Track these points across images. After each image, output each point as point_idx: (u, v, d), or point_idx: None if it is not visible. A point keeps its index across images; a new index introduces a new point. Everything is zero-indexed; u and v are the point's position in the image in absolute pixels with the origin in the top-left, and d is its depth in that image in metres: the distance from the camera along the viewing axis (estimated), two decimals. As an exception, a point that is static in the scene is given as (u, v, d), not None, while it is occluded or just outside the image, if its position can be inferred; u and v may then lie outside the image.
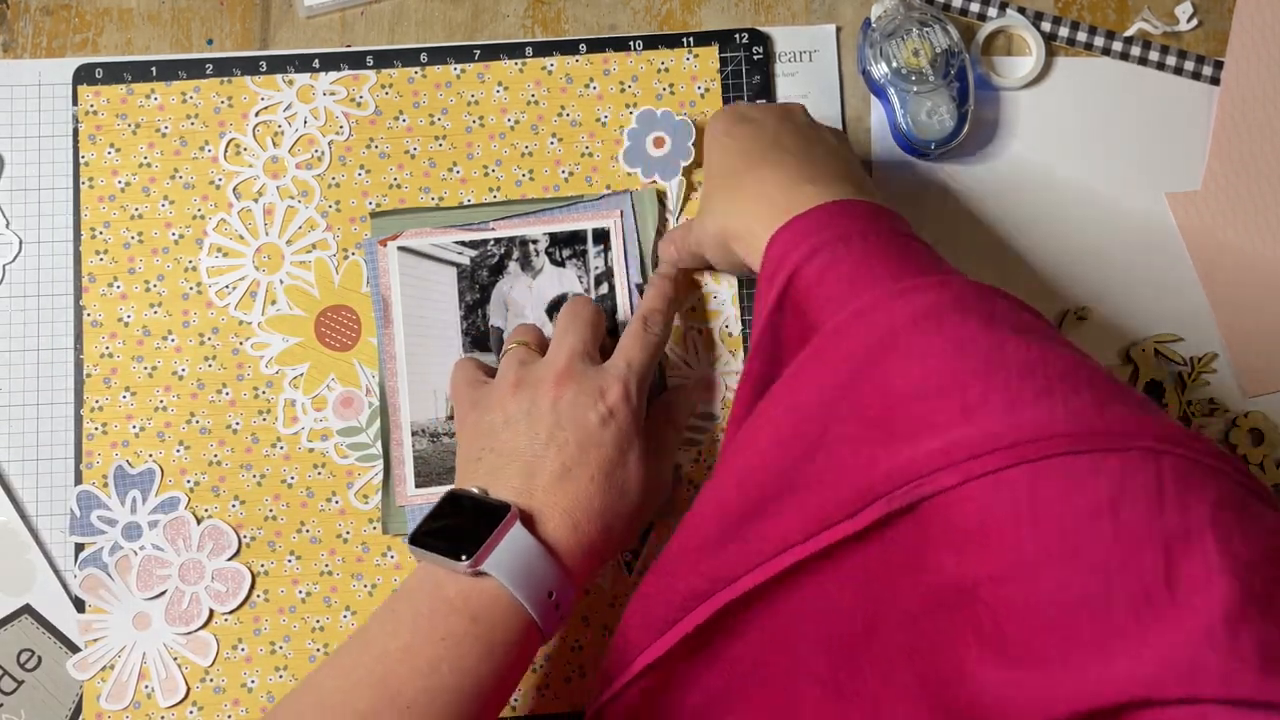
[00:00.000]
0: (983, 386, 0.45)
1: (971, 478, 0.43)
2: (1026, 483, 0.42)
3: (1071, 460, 0.42)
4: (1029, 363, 0.45)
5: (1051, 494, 0.42)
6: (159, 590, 0.68)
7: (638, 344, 0.63)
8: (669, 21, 0.74)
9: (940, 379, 0.46)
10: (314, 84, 0.72)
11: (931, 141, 0.70)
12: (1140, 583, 0.40)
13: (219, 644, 0.68)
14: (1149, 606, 0.39)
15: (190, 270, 0.71)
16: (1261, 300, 0.71)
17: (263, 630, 0.68)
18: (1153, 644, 0.39)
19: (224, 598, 0.68)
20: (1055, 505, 0.42)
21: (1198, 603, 0.39)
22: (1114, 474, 0.42)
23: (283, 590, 0.69)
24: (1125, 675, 0.39)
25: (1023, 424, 0.43)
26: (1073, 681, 0.40)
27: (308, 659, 0.68)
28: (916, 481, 0.44)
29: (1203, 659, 0.38)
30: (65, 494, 0.69)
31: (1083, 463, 0.42)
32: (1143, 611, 0.39)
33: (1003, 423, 0.44)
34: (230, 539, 0.69)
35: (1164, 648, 0.39)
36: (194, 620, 0.68)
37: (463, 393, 0.64)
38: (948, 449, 0.44)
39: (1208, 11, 0.74)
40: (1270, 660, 0.38)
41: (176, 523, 0.69)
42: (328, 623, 0.68)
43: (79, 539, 0.69)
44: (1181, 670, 0.38)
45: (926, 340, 0.47)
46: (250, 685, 0.68)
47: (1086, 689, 0.40)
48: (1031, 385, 0.45)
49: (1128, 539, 0.41)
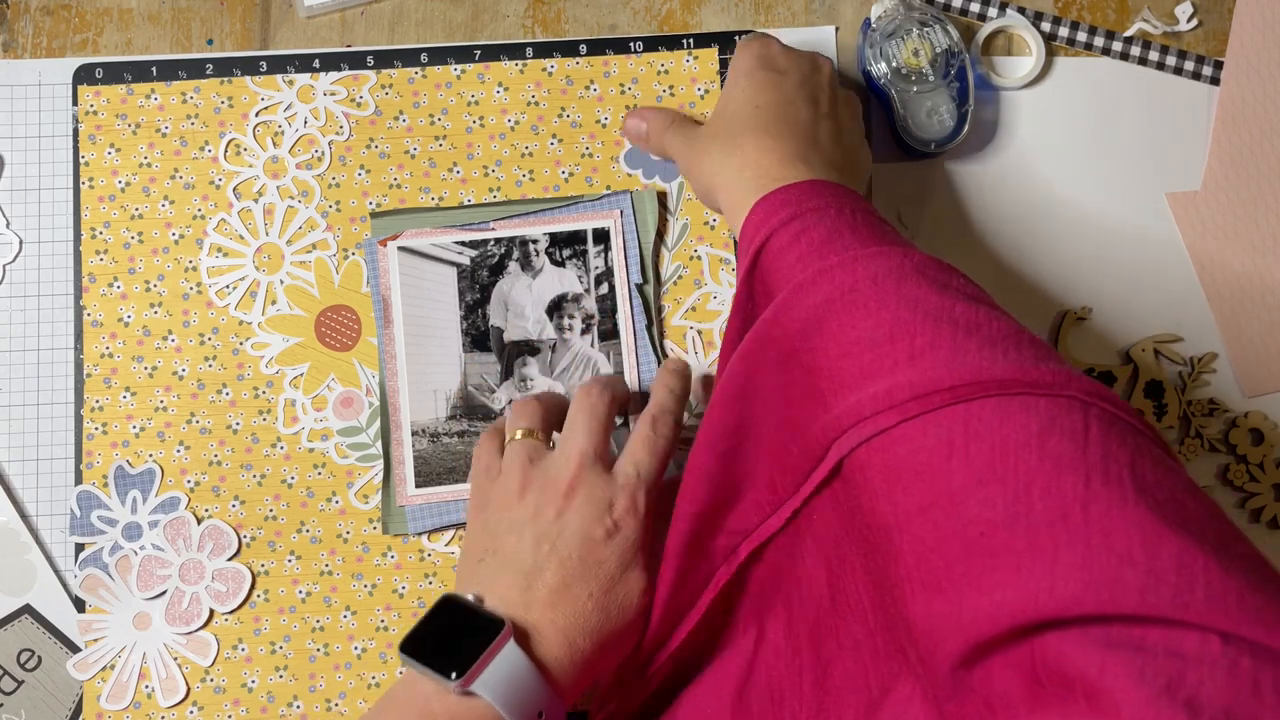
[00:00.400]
0: (930, 336, 0.47)
1: (909, 417, 0.45)
2: (961, 419, 0.44)
3: (1005, 400, 0.44)
4: (975, 322, 0.48)
5: (982, 428, 0.44)
6: (159, 590, 0.68)
7: (646, 449, 0.60)
8: (669, 22, 0.74)
9: (890, 328, 0.48)
10: (314, 84, 0.72)
11: (931, 141, 0.70)
12: (1060, 503, 0.41)
13: (219, 644, 0.68)
14: (1066, 526, 0.40)
15: (190, 270, 0.71)
16: (1261, 300, 0.71)
17: (263, 630, 0.68)
18: (1068, 561, 0.39)
19: (224, 598, 0.68)
20: (985, 438, 0.43)
21: (1115, 524, 0.39)
22: (1044, 413, 0.44)
23: (283, 590, 0.69)
24: (1043, 593, 0.39)
25: (963, 369, 0.45)
26: (989, 603, 0.40)
27: (308, 659, 0.68)
28: (859, 425, 0.47)
29: (1122, 577, 0.38)
30: (65, 494, 0.69)
31: (1015, 402, 0.44)
32: (1059, 531, 0.40)
33: (944, 368, 0.46)
34: (230, 539, 0.69)
35: (1080, 567, 0.39)
36: (194, 620, 0.68)
37: (477, 484, 0.62)
38: (891, 391, 0.46)
39: (1208, 11, 0.74)
40: (1186, 580, 0.38)
41: (177, 523, 0.69)
42: (328, 623, 0.68)
43: (79, 539, 0.69)
44: (1100, 589, 0.38)
45: (882, 295, 0.49)
46: (250, 685, 0.68)
47: (1004, 609, 0.40)
48: (975, 339, 0.47)
49: (1050, 465, 0.42)
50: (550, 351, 0.70)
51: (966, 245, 0.72)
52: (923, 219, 0.72)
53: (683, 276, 0.71)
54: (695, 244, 0.71)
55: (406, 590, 0.69)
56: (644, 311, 0.70)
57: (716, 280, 0.71)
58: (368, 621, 0.68)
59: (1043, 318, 0.71)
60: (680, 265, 0.71)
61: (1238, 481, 0.70)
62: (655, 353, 0.70)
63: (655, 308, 0.71)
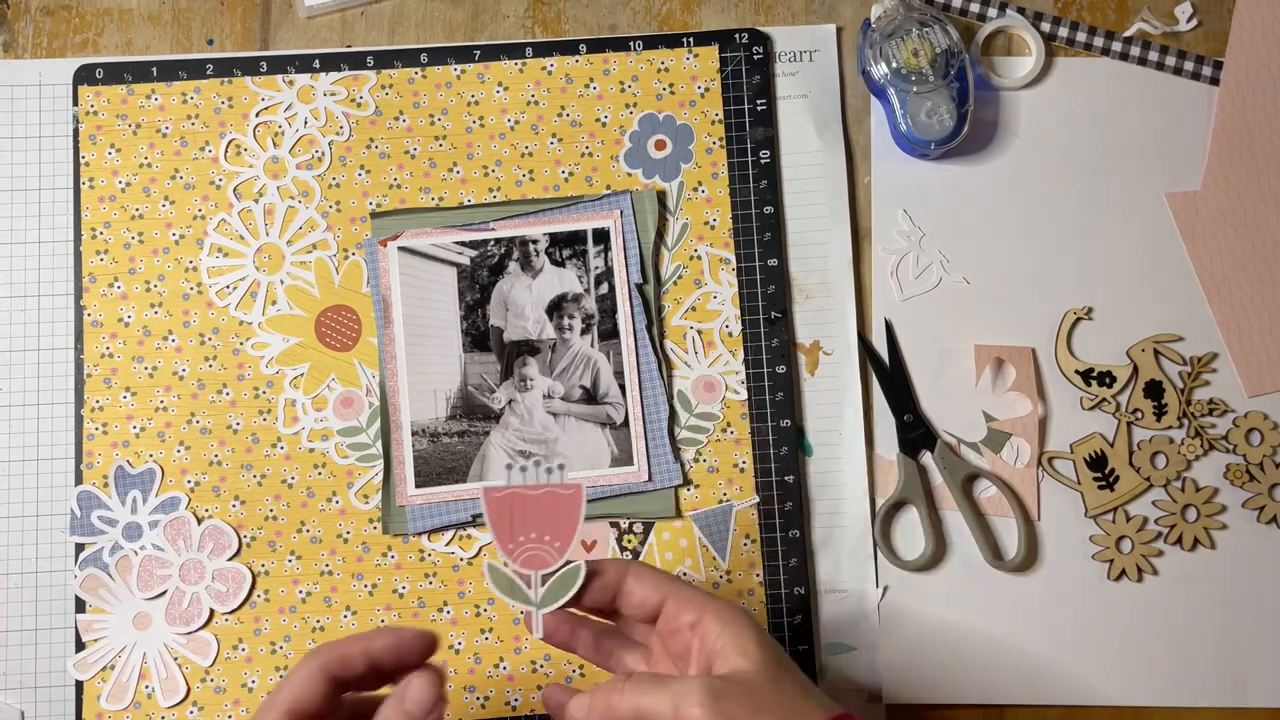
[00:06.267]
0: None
1: None
2: None
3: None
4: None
5: None
6: (159, 590, 0.68)
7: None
8: (669, 22, 0.74)
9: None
10: (314, 84, 0.72)
11: (931, 141, 0.70)
12: None
13: (219, 644, 0.68)
14: None
15: (191, 270, 0.71)
16: (1261, 300, 0.71)
17: (263, 630, 0.68)
18: None
19: (224, 598, 0.68)
20: None
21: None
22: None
23: (283, 590, 0.69)
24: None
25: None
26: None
27: (308, 659, 0.68)
28: None
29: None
30: (65, 494, 0.69)
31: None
32: None
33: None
34: (230, 539, 0.69)
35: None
36: (194, 620, 0.68)
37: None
38: None
39: (1207, 11, 0.74)
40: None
41: (177, 523, 0.69)
42: (328, 623, 0.68)
43: (79, 539, 0.69)
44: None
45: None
46: (250, 685, 0.68)
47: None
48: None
49: None
50: (550, 351, 0.70)
51: (966, 245, 0.72)
52: (923, 219, 0.72)
53: (683, 276, 0.71)
54: (695, 244, 0.71)
55: (406, 590, 0.69)
56: (644, 311, 0.70)
57: (716, 280, 0.71)
58: (368, 621, 0.68)
59: (1044, 318, 0.71)
60: (680, 265, 0.71)
61: (1237, 481, 0.70)
62: (655, 353, 0.70)
63: (655, 308, 0.71)
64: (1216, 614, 0.69)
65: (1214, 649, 0.69)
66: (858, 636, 0.68)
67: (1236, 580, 0.69)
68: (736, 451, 0.70)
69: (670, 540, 0.69)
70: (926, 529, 0.69)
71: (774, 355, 0.70)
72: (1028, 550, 0.69)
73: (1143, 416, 0.70)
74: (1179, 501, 0.70)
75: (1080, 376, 0.70)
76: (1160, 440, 0.70)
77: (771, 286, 0.71)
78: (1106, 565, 0.69)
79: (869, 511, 0.69)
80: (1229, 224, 0.72)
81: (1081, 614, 0.69)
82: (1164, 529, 0.69)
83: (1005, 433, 0.70)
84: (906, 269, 0.72)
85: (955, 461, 0.70)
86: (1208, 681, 0.68)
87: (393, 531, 0.69)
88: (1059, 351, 0.71)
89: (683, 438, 0.70)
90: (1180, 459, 0.70)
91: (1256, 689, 0.68)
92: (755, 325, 0.71)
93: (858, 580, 0.69)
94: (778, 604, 0.68)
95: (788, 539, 0.69)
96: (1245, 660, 0.68)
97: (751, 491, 0.69)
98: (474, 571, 0.69)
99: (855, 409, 0.70)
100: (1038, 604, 0.69)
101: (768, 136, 0.72)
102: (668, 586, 0.54)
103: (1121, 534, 0.69)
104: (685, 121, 0.72)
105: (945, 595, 0.69)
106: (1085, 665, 0.68)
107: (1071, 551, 0.69)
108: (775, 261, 0.71)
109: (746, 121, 0.72)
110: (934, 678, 0.68)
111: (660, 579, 0.55)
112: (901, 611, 0.69)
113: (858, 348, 0.71)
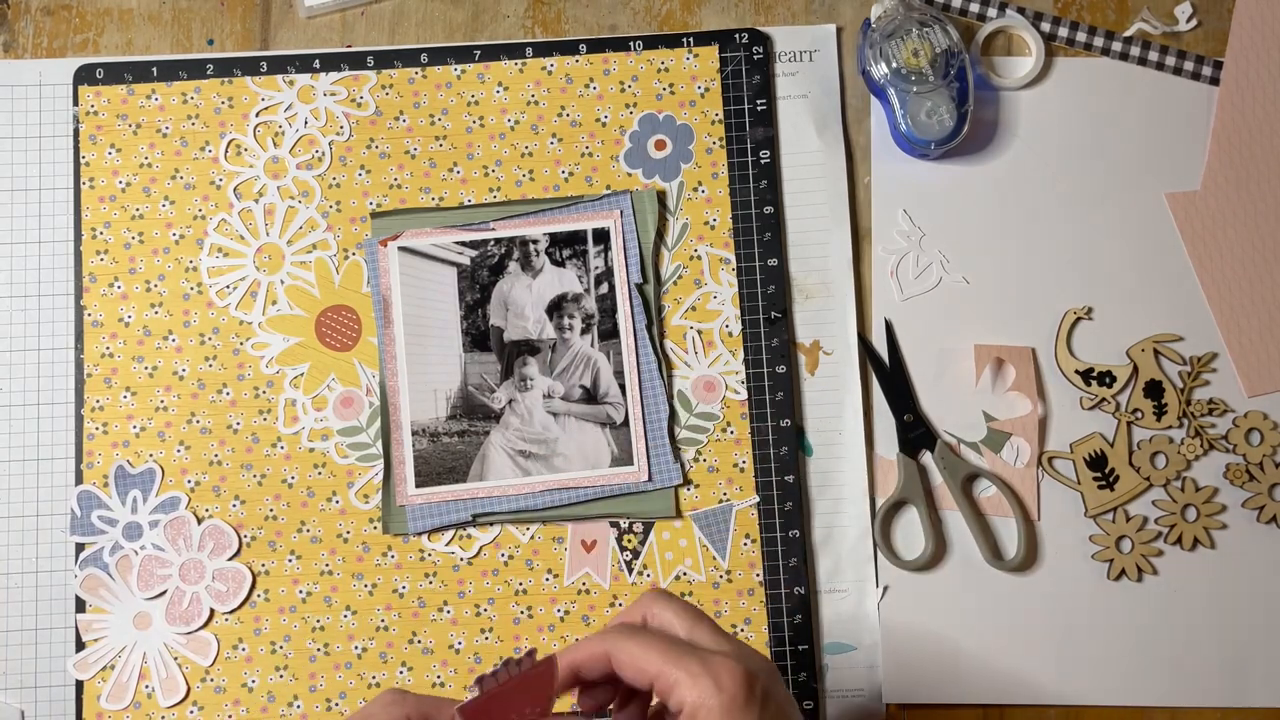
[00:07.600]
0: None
1: None
2: None
3: None
4: None
5: None
6: (159, 590, 0.68)
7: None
8: (669, 22, 0.74)
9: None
10: (314, 84, 0.73)
11: (931, 141, 0.70)
12: None
13: (219, 644, 0.68)
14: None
15: (191, 270, 0.71)
16: (1261, 300, 0.71)
17: (263, 630, 0.68)
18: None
19: (224, 597, 0.68)
20: None
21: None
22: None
23: (283, 590, 0.69)
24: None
25: None
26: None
27: (308, 659, 0.68)
28: None
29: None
30: (65, 494, 0.69)
31: None
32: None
33: None
34: (230, 539, 0.69)
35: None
36: (194, 620, 0.68)
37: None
38: None
39: (1207, 11, 0.74)
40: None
41: (177, 522, 0.69)
42: (328, 622, 0.68)
43: (79, 539, 0.69)
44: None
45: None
46: (250, 685, 0.68)
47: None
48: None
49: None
50: (550, 351, 0.70)
51: (966, 245, 0.72)
52: (923, 219, 0.72)
53: (683, 276, 0.71)
54: (695, 244, 0.71)
55: (407, 590, 0.69)
56: (644, 311, 0.70)
57: (716, 280, 0.71)
58: (368, 621, 0.68)
59: (1043, 318, 0.71)
60: (680, 265, 0.71)
61: (1237, 481, 0.70)
62: (655, 353, 0.70)
63: (655, 307, 0.71)
64: (1216, 614, 0.69)
65: (1214, 649, 0.69)
66: (858, 636, 0.68)
67: (1236, 580, 0.69)
68: (736, 451, 0.70)
69: (670, 540, 0.69)
70: (926, 529, 0.69)
71: (774, 355, 0.70)
72: (1028, 550, 0.69)
73: (1143, 416, 0.70)
74: (1179, 501, 0.70)
75: (1080, 376, 0.70)
76: (1160, 440, 0.70)
77: (771, 286, 0.71)
78: (1106, 565, 0.69)
79: (869, 511, 0.69)
80: (1229, 224, 0.72)
81: (1081, 614, 0.69)
82: (1164, 529, 0.69)
83: (1005, 433, 0.70)
84: (906, 269, 0.72)
85: (955, 461, 0.70)
86: (1208, 681, 0.68)
87: (393, 531, 0.69)
88: (1059, 351, 0.71)
89: (683, 438, 0.70)
90: (1180, 459, 0.70)
91: (1256, 689, 0.68)
92: (755, 325, 0.71)
93: (858, 580, 0.69)
94: (778, 604, 0.68)
95: (788, 539, 0.69)
96: (1245, 660, 0.68)
97: (751, 491, 0.69)
98: (474, 571, 0.69)
99: (855, 409, 0.70)
100: (1038, 604, 0.69)
101: (768, 136, 0.72)
102: (655, 653, 0.48)
103: (1121, 534, 0.69)
104: (685, 121, 0.72)
105: (945, 595, 0.69)
106: (1085, 665, 0.68)
107: (1071, 551, 0.69)
108: (775, 261, 0.71)
109: (746, 121, 0.72)
110: (934, 678, 0.68)
111: (646, 647, 0.48)
112: (901, 611, 0.69)
113: (858, 348, 0.71)
